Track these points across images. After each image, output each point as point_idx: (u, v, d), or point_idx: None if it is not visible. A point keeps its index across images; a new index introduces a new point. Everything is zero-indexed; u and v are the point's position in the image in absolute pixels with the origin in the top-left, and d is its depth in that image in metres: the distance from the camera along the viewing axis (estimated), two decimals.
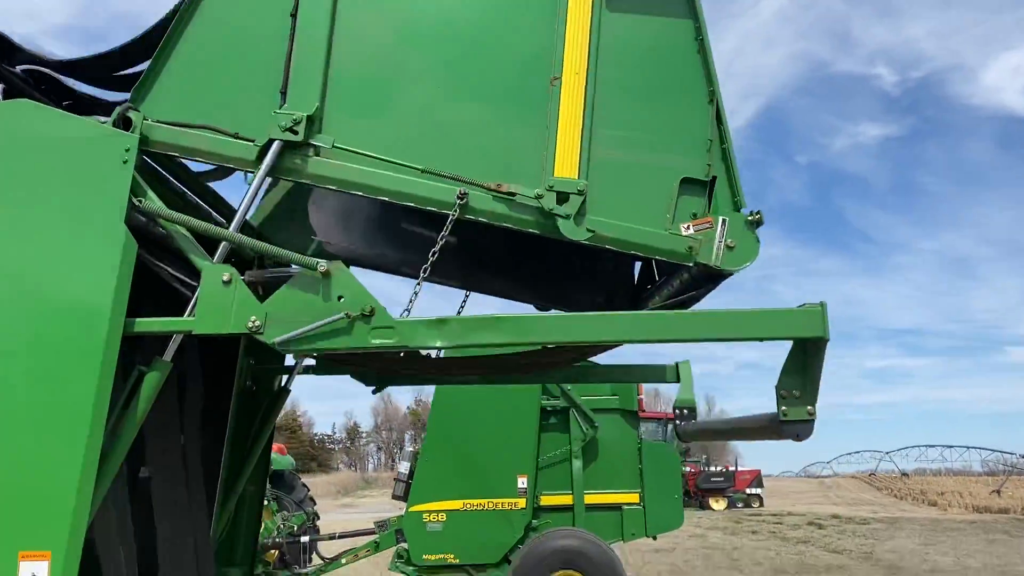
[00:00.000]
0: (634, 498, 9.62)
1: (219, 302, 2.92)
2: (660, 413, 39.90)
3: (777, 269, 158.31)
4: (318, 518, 12.23)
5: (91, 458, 2.68)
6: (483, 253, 4.68)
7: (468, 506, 9.30)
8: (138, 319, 2.90)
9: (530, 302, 4.77)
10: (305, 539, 10.63)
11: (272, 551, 10.59)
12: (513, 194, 3.17)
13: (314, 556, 11.29)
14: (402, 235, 4.65)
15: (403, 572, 9.45)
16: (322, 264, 2.97)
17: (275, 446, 12.32)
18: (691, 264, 3.22)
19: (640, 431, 9.84)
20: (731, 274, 3.27)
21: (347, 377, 4.69)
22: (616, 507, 9.53)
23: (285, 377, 4.94)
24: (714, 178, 3.25)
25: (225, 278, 2.93)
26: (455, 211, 3.14)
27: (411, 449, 10.65)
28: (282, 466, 11.98)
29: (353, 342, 2.95)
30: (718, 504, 33.56)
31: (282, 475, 11.99)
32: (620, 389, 9.83)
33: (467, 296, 4.70)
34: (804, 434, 3.04)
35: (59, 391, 2.72)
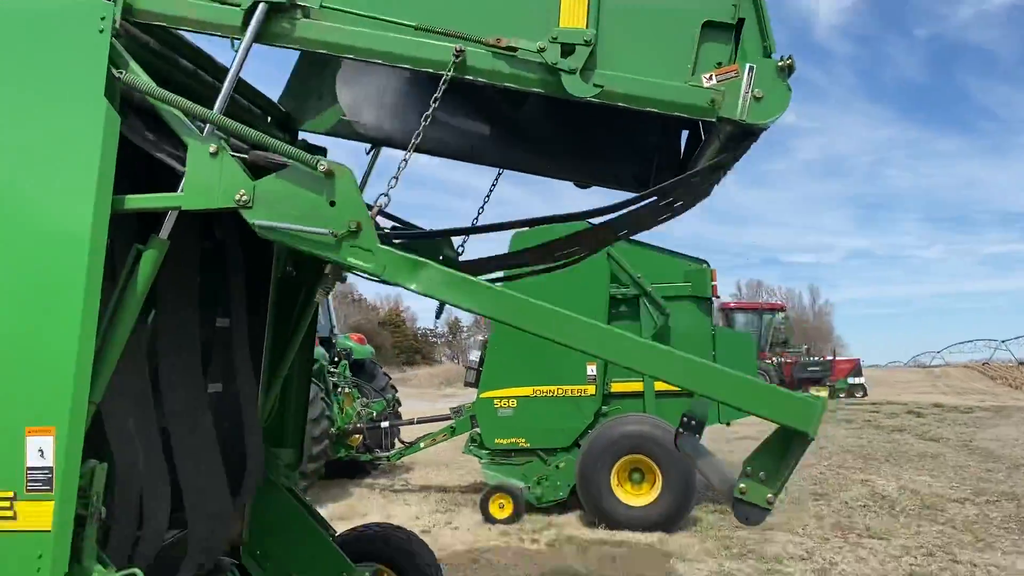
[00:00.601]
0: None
1: (206, 175, 2.82)
2: (755, 304, 39.17)
3: (892, 152, 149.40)
4: (399, 404, 12.63)
5: (87, 335, 2.68)
6: (519, 128, 4.42)
7: (538, 393, 9.35)
8: (127, 196, 2.84)
9: (569, 179, 4.52)
10: (385, 424, 11.02)
11: (355, 436, 11.02)
12: (514, 49, 2.90)
13: (395, 441, 11.73)
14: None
15: (476, 455, 9.68)
16: (323, 163, 2.80)
17: (355, 336, 12.65)
18: (714, 120, 2.90)
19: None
20: (762, 130, 2.94)
21: None
22: (688, 394, 9.36)
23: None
24: (741, 20, 2.88)
25: (212, 150, 2.82)
26: (449, 70, 2.90)
27: (481, 338, 10.75)
28: (363, 355, 12.34)
29: (331, 253, 2.82)
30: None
31: (363, 364, 12.36)
32: (693, 276, 9.53)
33: (500, 174, 4.49)
34: (754, 520, 2.77)
35: (52, 269, 2.71)
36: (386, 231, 4.49)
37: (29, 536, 2.60)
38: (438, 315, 4.56)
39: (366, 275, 2.86)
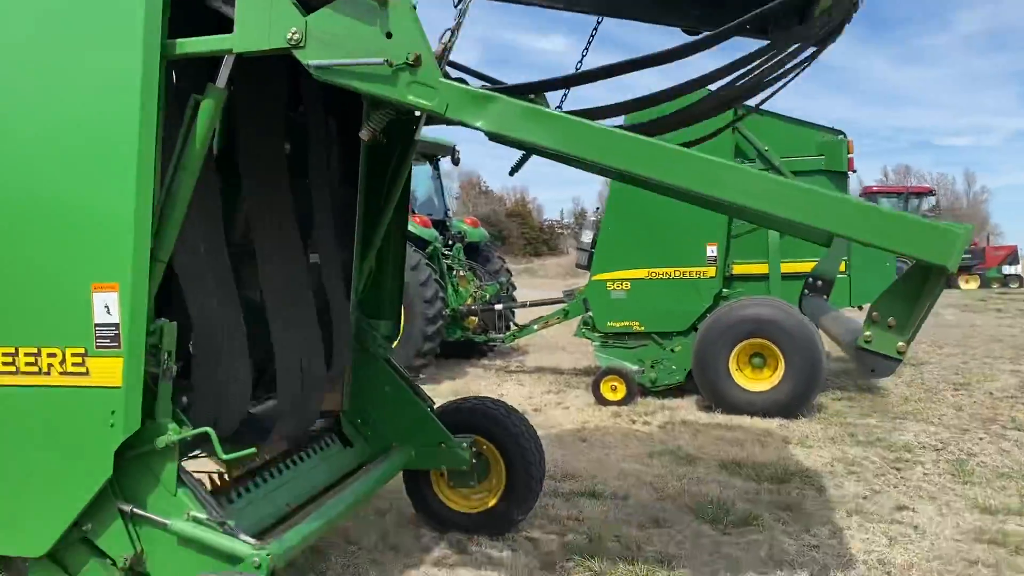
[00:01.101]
0: (839, 267, 8.79)
1: (257, 14, 2.60)
2: (900, 187, 36.53)
3: None
4: (514, 288, 12.58)
5: (144, 189, 2.58)
6: None
7: (653, 275, 8.99)
8: (178, 40, 2.67)
9: (677, 24, 4.04)
10: (499, 307, 10.99)
11: (471, 318, 11.07)
12: None
13: (510, 323, 11.73)
14: None
15: (589, 339, 9.51)
16: None
17: (469, 220, 12.57)
18: None
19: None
20: None
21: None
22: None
23: (414, 127, 4.66)
24: None
25: None
26: None
27: (593, 218, 10.39)
28: (477, 239, 12.27)
29: (390, 91, 2.57)
30: (968, 284, 30.81)
31: (477, 247, 12.30)
32: (826, 148, 8.74)
33: (600, 21, 4.06)
34: (881, 371, 2.49)
35: (104, 120, 2.60)
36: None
37: (101, 392, 2.59)
38: (515, 169, 4.26)
39: (428, 111, 2.59)
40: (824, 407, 8.46)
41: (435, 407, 4.70)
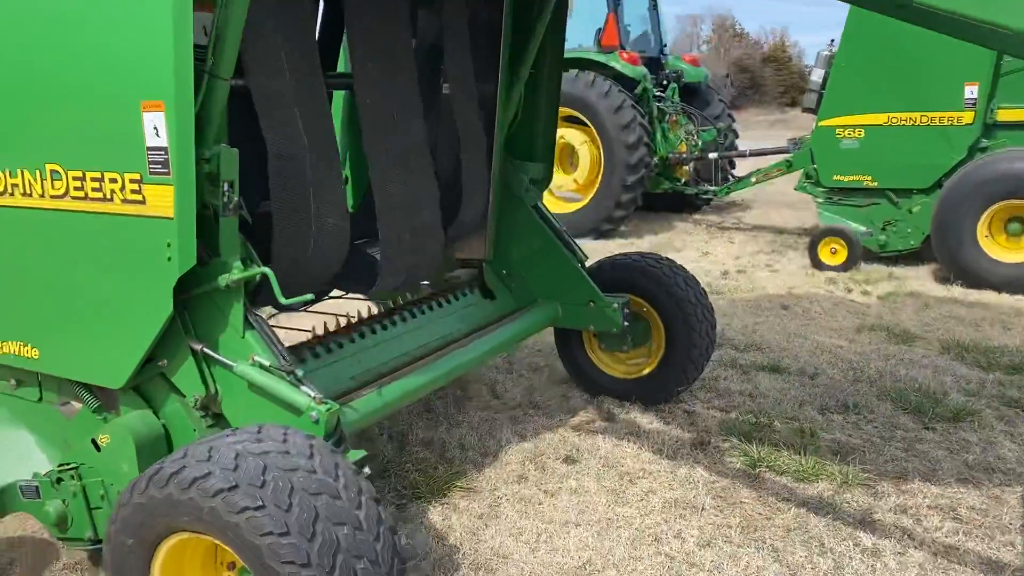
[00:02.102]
0: None
1: None
2: None
3: None
4: (736, 136, 11.37)
5: None
6: None
7: (893, 120, 7.63)
8: None
9: None
10: (714, 155, 10.00)
11: (681, 167, 10.21)
12: None
13: (730, 175, 10.74)
14: None
15: (811, 194, 8.42)
16: None
17: (688, 57, 11.41)
18: None
19: None
20: None
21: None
22: None
23: None
24: None
25: None
26: None
27: (826, 53, 8.90)
28: (696, 79, 11.05)
29: None
30: None
31: (696, 88, 11.11)
32: None
33: None
34: None
35: None
36: None
37: (157, 223, 2.39)
38: None
39: None
40: None
41: (585, 261, 4.21)
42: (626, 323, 4.07)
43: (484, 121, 3.92)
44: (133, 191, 2.41)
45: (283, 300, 2.47)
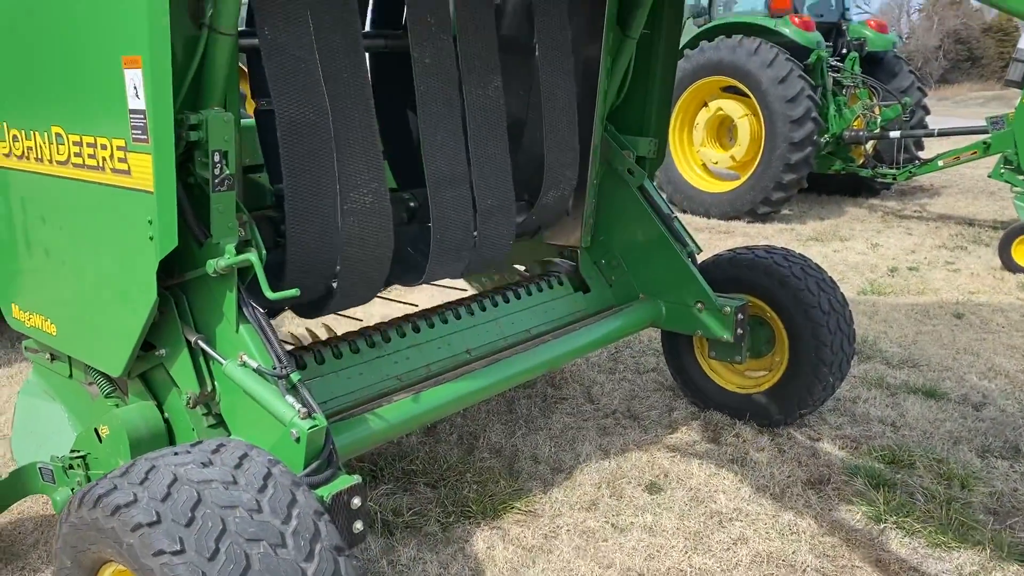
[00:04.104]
0: None
1: None
2: None
3: None
4: (926, 112, 9.96)
5: None
6: None
7: None
8: None
9: None
10: (895, 134, 8.77)
11: (857, 146, 9.06)
12: None
13: (915, 157, 9.48)
14: None
15: (1009, 182, 7.19)
16: None
17: (874, 23, 10.12)
18: None
19: None
20: None
21: None
22: None
23: None
24: None
25: None
26: None
27: None
28: (881, 47, 9.72)
29: None
30: None
31: (881, 58, 9.79)
32: None
33: None
34: None
35: None
36: None
37: (140, 196, 2.10)
38: None
39: None
40: None
41: (698, 254, 3.61)
42: (739, 330, 3.44)
43: (583, 88, 3.39)
44: (120, 159, 2.12)
45: (270, 295, 2.10)
